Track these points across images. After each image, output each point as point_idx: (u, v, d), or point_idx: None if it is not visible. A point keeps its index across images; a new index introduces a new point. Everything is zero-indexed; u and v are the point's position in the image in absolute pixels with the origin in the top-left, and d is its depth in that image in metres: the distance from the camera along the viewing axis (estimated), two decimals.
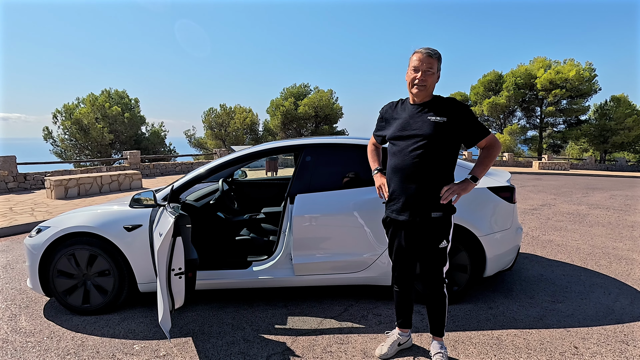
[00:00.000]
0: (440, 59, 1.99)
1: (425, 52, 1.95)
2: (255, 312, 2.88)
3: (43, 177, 10.23)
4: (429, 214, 2.02)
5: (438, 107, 2.00)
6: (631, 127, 24.77)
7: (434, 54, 1.95)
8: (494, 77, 28.62)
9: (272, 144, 3.18)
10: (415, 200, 2.01)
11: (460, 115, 1.98)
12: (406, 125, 2.02)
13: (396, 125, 2.07)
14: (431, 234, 2.05)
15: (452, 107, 1.99)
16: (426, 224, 2.03)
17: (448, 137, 1.98)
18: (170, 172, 13.92)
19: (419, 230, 2.06)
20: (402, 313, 2.30)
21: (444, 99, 2.04)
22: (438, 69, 1.99)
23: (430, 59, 1.94)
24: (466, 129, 2.00)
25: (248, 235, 3.53)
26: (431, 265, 2.10)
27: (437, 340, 2.23)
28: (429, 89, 1.99)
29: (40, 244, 2.78)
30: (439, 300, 2.16)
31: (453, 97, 2.04)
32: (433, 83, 2.00)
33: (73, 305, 2.84)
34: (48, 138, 24.20)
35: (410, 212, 2.03)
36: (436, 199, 2.01)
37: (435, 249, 2.06)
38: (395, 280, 2.25)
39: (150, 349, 2.40)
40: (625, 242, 4.90)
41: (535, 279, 3.57)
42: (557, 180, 13.64)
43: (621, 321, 2.74)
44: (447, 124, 1.96)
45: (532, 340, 2.47)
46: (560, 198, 8.89)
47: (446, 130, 1.96)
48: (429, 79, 1.95)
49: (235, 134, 28.18)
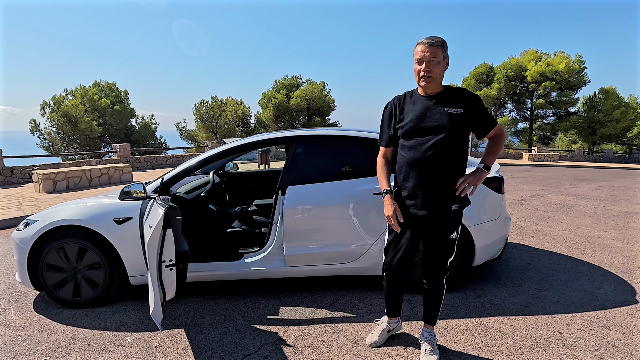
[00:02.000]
0: (444, 45, 1.90)
1: (427, 41, 1.87)
2: (247, 303, 2.90)
3: (30, 171, 10.05)
4: (449, 207, 1.99)
5: (452, 98, 1.95)
6: (619, 119, 25.17)
7: (437, 42, 1.87)
8: (485, 69, 28.73)
9: (263, 135, 3.17)
10: (436, 194, 1.97)
11: (474, 105, 1.96)
12: (423, 117, 1.94)
13: (411, 118, 1.98)
14: (446, 226, 2.04)
15: (466, 98, 1.96)
16: (444, 217, 2.01)
17: (464, 129, 1.95)
18: (161, 165, 13.78)
19: (436, 224, 2.03)
20: (392, 304, 2.32)
21: (456, 89, 2.00)
22: (444, 57, 1.91)
23: (434, 48, 1.86)
24: (479, 119, 1.98)
25: (240, 228, 3.53)
26: (438, 256, 2.08)
27: (427, 328, 2.26)
28: (436, 79, 1.92)
29: (28, 237, 2.75)
30: (438, 290, 2.16)
31: (464, 88, 2.01)
32: (440, 72, 1.92)
33: (63, 298, 2.82)
34: (35, 131, 23.72)
35: (431, 207, 1.98)
36: (454, 192, 1.99)
37: (446, 240, 2.05)
38: (391, 273, 2.20)
39: (142, 340, 2.41)
40: (610, 231, 5.02)
41: (522, 267, 3.65)
42: (546, 171, 13.85)
43: (604, 307, 2.82)
44: (464, 115, 1.92)
45: (518, 327, 2.53)
46: (548, 189, 9.04)
47: (463, 121, 1.92)
48: (434, 69, 1.88)
49: (226, 126, 27.94)
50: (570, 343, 2.35)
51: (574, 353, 2.24)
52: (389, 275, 2.22)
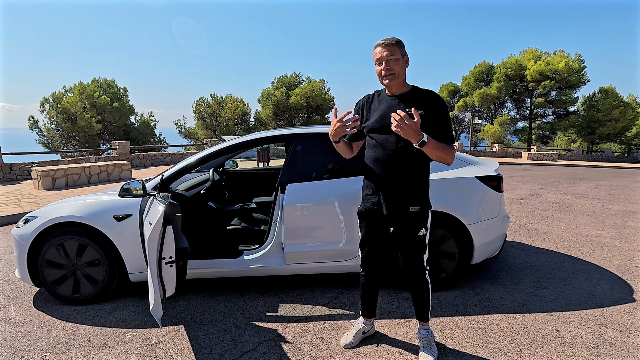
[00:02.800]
0: (399, 44, 1.94)
1: (382, 42, 1.94)
2: (246, 300, 2.91)
3: (29, 168, 10.04)
4: (408, 208, 2.03)
5: (417, 99, 1.96)
6: (618, 118, 25.21)
7: (391, 41, 1.93)
8: (484, 68, 28.73)
9: (263, 133, 3.18)
10: (395, 194, 2.02)
11: (436, 109, 1.95)
12: (385, 117, 1.97)
13: (375, 116, 2.03)
14: (409, 225, 2.05)
15: (430, 100, 1.96)
16: (404, 218, 2.04)
17: (426, 130, 1.90)
18: (161, 162, 13.77)
19: (397, 222, 2.06)
20: (367, 303, 2.33)
21: (423, 90, 2.01)
22: (402, 55, 1.95)
23: (390, 47, 1.92)
24: (437, 125, 1.94)
25: (239, 225, 3.54)
26: (411, 253, 2.10)
27: (422, 325, 2.27)
28: (398, 76, 1.95)
29: (28, 234, 2.76)
30: (422, 287, 2.18)
31: (432, 90, 2.01)
32: (401, 70, 1.96)
33: (63, 295, 2.83)
34: (34, 128, 23.67)
35: (390, 205, 2.03)
36: (415, 193, 2.02)
37: (415, 238, 2.07)
38: (364, 271, 2.25)
39: (142, 337, 2.42)
40: (608, 230, 5.04)
41: (520, 266, 3.66)
42: (545, 170, 13.88)
43: (601, 305, 2.84)
44: (425, 117, 1.92)
45: (516, 325, 2.55)
46: (547, 188, 9.06)
47: (425, 122, 1.91)
48: (394, 66, 1.93)
49: (226, 124, 27.90)
50: (567, 341, 2.37)
51: (571, 350, 2.26)
52: (363, 270, 2.26)
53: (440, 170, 2.99)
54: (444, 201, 2.87)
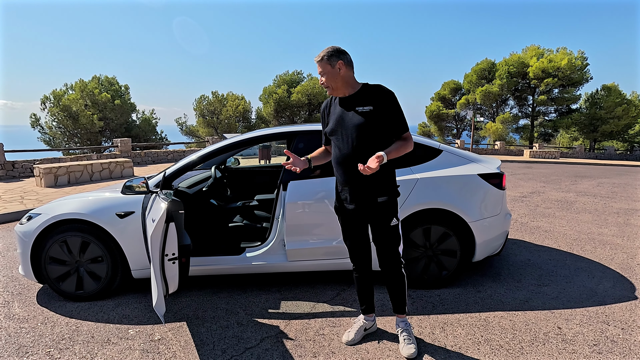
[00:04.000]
0: (329, 57, 2.00)
1: (315, 60, 2.05)
2: (248, 297, 2.92)
3: (32, 165, 10.07)
4: (375, 199, 2.09)
5: (364, 97, 2.05)
6: (620, 116, 25.08)
7: (318, 58, 2.03)
8: (486, 66, 28.61)
9: (265, 130, 3.18)
10: (359, 189, 2.10)
11: (384, 103, 2.01)
12: (340, 119, 2.09)
13: (332, 120, 2.14)
14: (380, 216, 2.12)
15: (376, 95, 2.03)
16: (373, 209, 2.11)
17: (377, 125, 2.01)
18: (162, 160, 13.79)
19: (368, 215, 2.14)
20: (364, 298, 2.36)
21: (371, 87, 2.07)
22: (333, 66, 2.01)
23: (320, 63, 2.03)
24: (388, 117, 2.02)
25: (241, 222, 3.55)
26: (385, 244, 2.16)
27: (400, 317, 2.32)
28: (336, 86, 2.05)
29: (31, 231, 2.77)
30: (398, 279, 2.22)
31: (380, 85, 2.06)
32: (335, 80, 2.03)
33: (66, 291, 2.85)
34: (36, 125, 23.70)
35: (357, 200, 2.11)
36: (379, 185, 2.08)
37: (387, 228, 2.13)
38: (355, 266, 2.32)
39: (145, 333, 2.43)
40: (610, 228, 5.03)
41: (522, 263, 3.66)
42: (547, 168, 13.84)
43: (603, 303, 2.84)
44: (373, 112, 2.00)
45: (517, 322, 2.55)
46: (549, 186, 9.04)
47: (373, 118, 2.00)
48: (327, 80, 2.04)
49: (227, 121, 27.89)
50: (569, 338, 2.37)
51: (573, 348, 2.26)
52: (352, 263, 2.32)
53: (443, 168, 2.98)
54: (446, 198, 2.87)
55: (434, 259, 2.99)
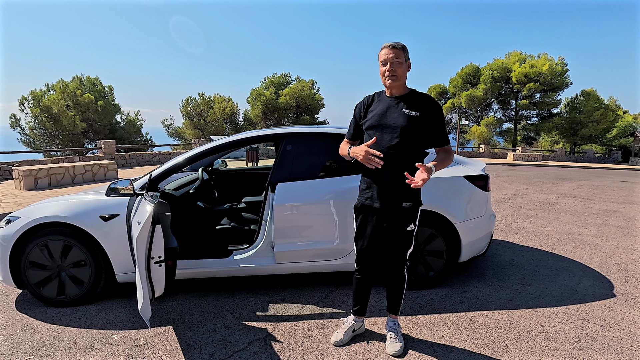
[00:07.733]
0: (404, 49, 2.06)
1: (389, 45, 2.05)
2: (236, 300, 2.89)
3: (11, 167, 9.76)
4: (400, 203, 2.11)
5: (413, 101, 2.08)
6: (599, 120, 25.93)
7: (398, 45, 2.05)
8: (471, 70, 29.19)
9: (252, 132, 3.16)
10: (388, 190, 2.10)
11: (431, 112, 2.06)
12: (383, 116, 2.10)
13: (373, 116, 2.14)
14: (400, 220, 2.15)
15: (425, 103, 2.07)
16: (396, 212, 2.13)
17: (420, 131, 2.06)
18: (147, 162, 13.56)
19: (390, 217, 2.15)
20: (359, 300, 2.36)
21: (420, 94, 2.12)
22: (406, 59, 2.07)
23: (396, 50, 2.03)
24: (432, 127, 2.07)
25: (229, 225, 3.52)
26: (398, 247, 2.20)
27: (392, 318, 2.36)
28: (400, 78, 2.06)
29: (10, 234, 2.68)
30: (400, 281, 2.27)
31: (429, 94, 2.13)
32: (403, 73, 2.07)
33: (47, 297, 2.76)
34: (15, 126, 23.00)
35: (384, 201, 2.12)
36: (408, 189, 2.09)
37: (404, 232, 2.16)
38: (359, 267, 2.30)
39: (129, 338, 2.38)
40: (590, 229, 5.18)
41: (506, 263, 3.74)
42: (530, 171, 14.18)
43: (583, 301, 2.92)
44: (419, 119, 2.04)
45: (502, 320, 2.60)
46: (532, 188, 9.26)
47: (418, 124, 2.04)
48: (398, 69, 2.04)
49: (214, 123, 27.64)
50: (551, 335, 2.43)
51: (555, 345, 2.32)
52: (359, 264, 2.30)
53: None
54: (432, 200, 2.92)
55: (421, 260, 3.02)
